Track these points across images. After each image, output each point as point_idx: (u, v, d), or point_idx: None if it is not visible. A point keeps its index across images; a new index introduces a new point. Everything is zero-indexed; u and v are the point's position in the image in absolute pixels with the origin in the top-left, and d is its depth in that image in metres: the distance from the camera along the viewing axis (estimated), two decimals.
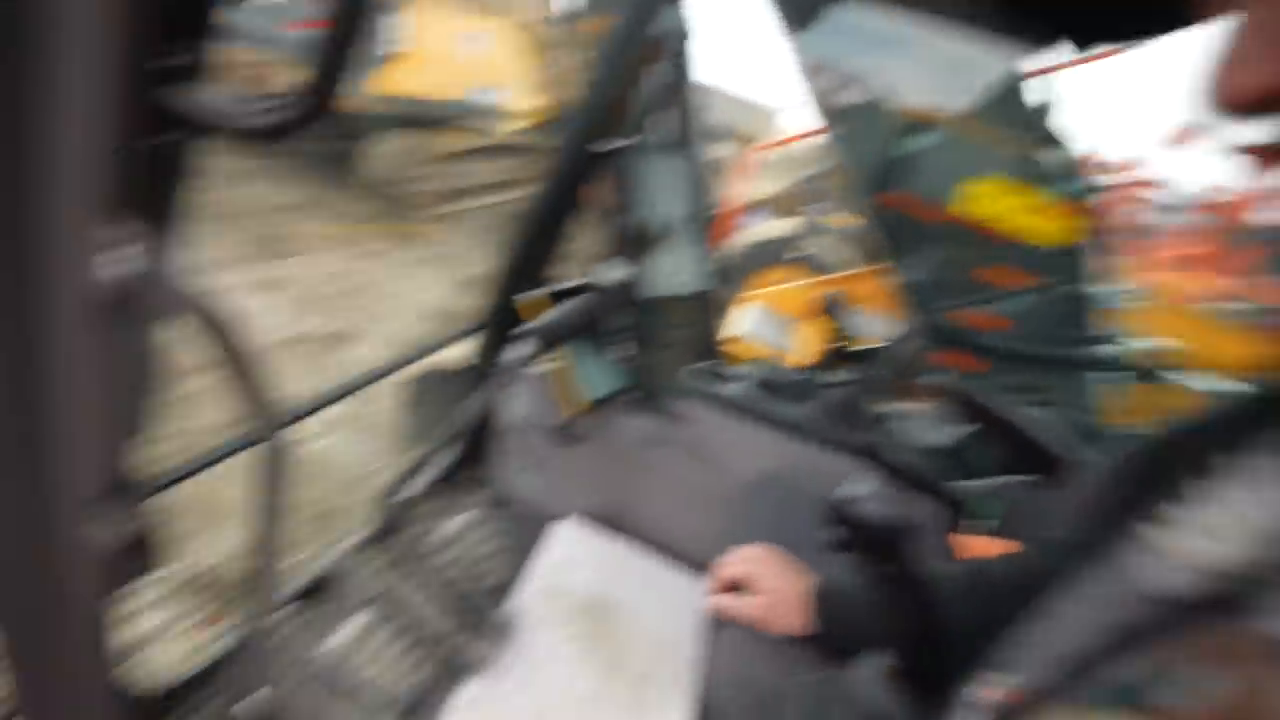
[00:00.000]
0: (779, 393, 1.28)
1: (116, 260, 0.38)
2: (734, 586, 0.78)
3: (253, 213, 4.37)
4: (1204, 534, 0.32)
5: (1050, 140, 1.37)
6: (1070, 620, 0.37)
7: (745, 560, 0.79)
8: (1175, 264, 2.93)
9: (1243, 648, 0.27)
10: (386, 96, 5.16)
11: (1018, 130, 1.33)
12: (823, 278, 3.11)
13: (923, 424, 1.37)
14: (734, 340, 2.49)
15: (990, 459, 1.24)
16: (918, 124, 1.37)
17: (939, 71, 1.41)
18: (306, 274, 3.95)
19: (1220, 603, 0.29)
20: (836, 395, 1.20)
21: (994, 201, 1.22)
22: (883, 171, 1.36)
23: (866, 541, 0.45)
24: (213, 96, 0.39)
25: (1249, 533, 0.29)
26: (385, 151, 5.41)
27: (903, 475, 1.17)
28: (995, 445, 1.10)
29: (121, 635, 0.51)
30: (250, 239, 4.04)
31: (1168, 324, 2.11)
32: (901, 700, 0.48)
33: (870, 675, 0.50)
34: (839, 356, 1.19)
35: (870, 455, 1.20)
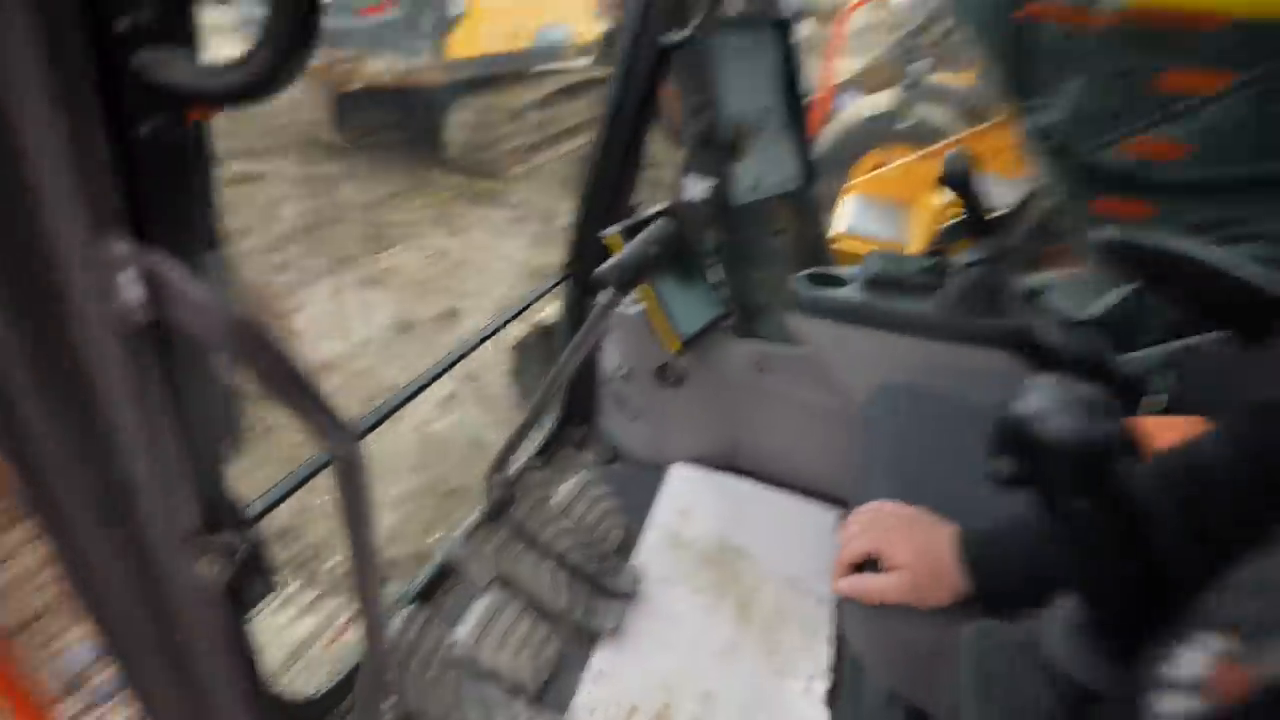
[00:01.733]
0: (900, 288, 1.12)
1: (139, 278, 0.34)
2: (863, 563, 0.63)
3: (348, 216, 4.61)
4: None
5: None
6: None
7: (871, 526, 0.64)
8: None
9: None
10: (459, 61, 5.14)
11: None
12: (935, 146, 2.74)
13: (1079, 291, 1.15)
14: (841, 239, 2.27)
15: (1167, 319, 1.01)
16: None
17: None
18: (409, 260, 4.13)
19: None
20: (969, 277, 1.02)
21: None
22: None
23: (1058, 471, 0.33)
24: (183, 61, 0.34)
25: None
26: (465, 119, 5.44)
27: (1061, 360, 0.99)
28: (1173, 299, 0.89)
29: (260, 654, 0.51)
30: (350, 239, 4.27)
31: None
32: (1101, 662, 0.38)
33: (1061, 629, 0.40)
34: (967, 232, 1.00)
35: (1020, 343, 1.02)
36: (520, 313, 1.23)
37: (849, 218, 2.47)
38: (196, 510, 0.41)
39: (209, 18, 0.38)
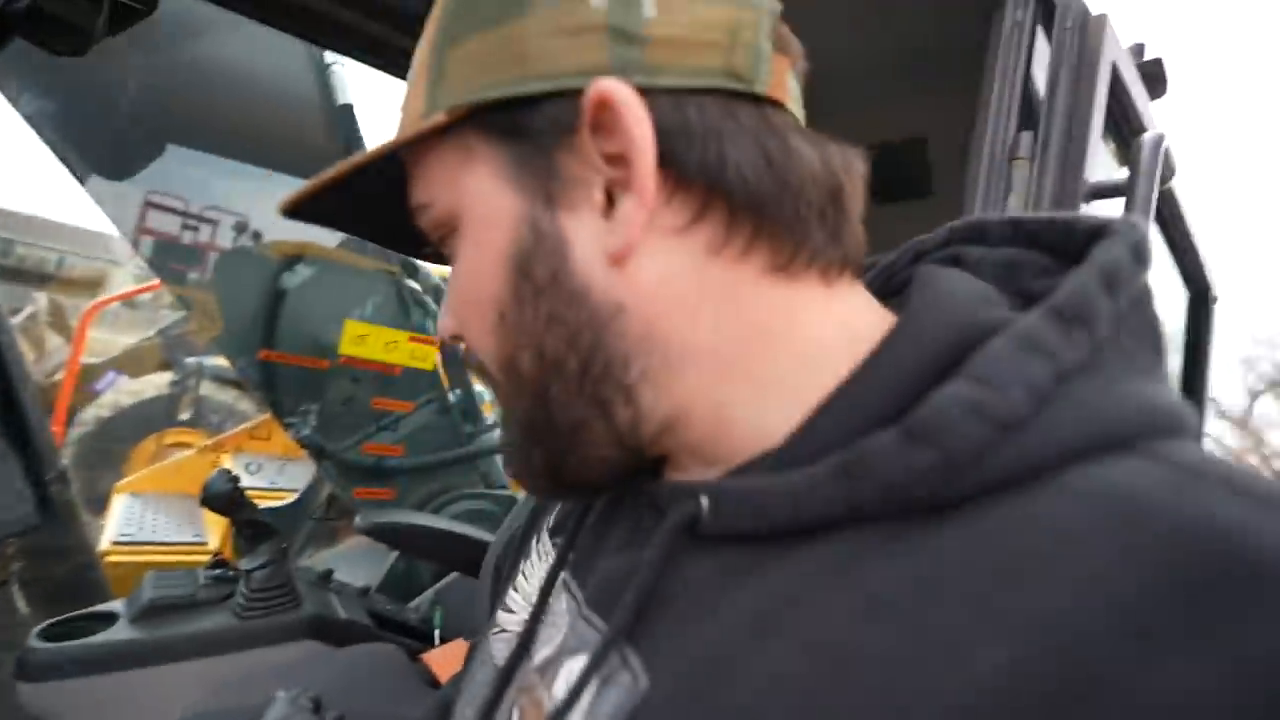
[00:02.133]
0: (187, 609, 1.06)
1: None
2: None
3: None
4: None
5: (411, 270, 1.60)
6: None
7: None
8: None
9: None
10: None
11: (381, 258, 1.50)
12: (231, 431, 2.74)
13: (365, 561, 1.38)
14: (113, 552, 1.91)
15: (426, 572, 1.35)
16: (291, 259, 1.39)
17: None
18: None
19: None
20: (258, 580, 1.08)
21: (369, 340, 1.35)
22: (263, 321, 1.32)
23: None
24: None
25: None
26: None
27: (358, 630, 1.15)
28: (424, 557, 1.21)
29: None
30: None
31: None
32: None
33: None
34: (247, 540, 1.08)
35: (321, 627, 1.13)
36: None
37: (120, 524, 2.11)
38: None
39: None
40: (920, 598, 0.21)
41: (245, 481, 1.91)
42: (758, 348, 0.29)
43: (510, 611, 0.39)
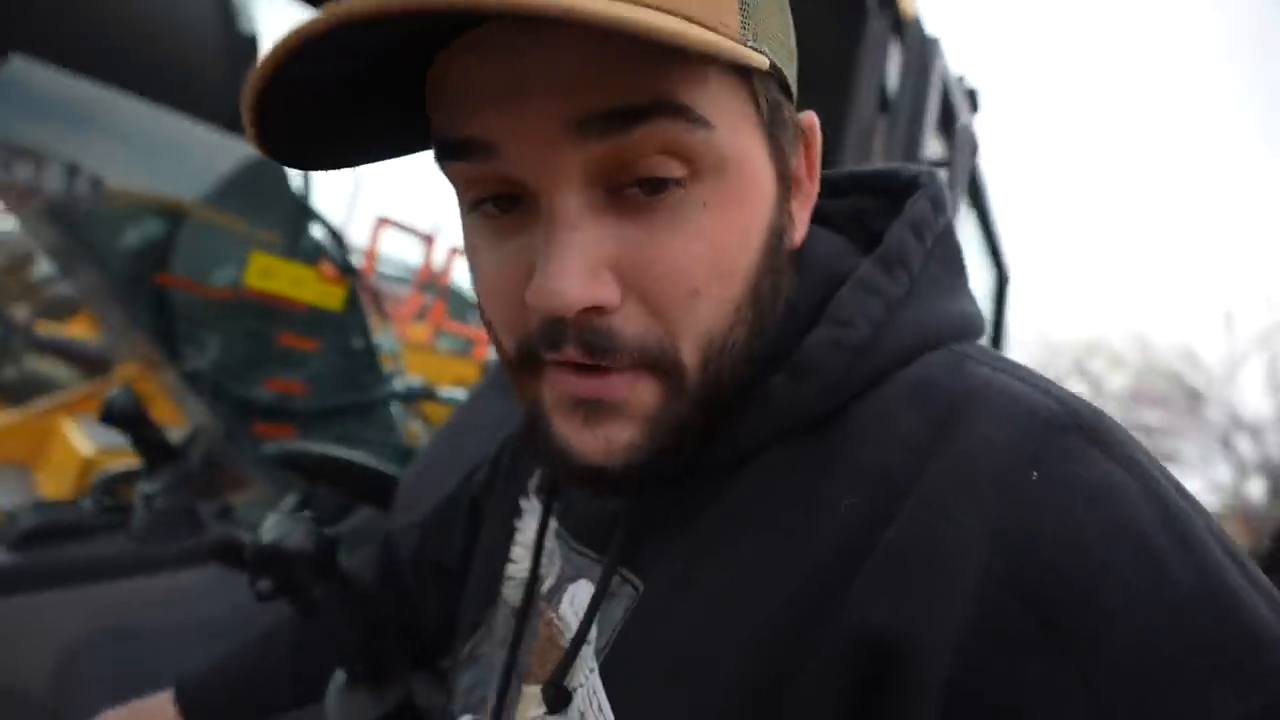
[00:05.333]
0: (72, 535, 1.01)
1: None
2: None
3: None
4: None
5: (312, 214, 1.55)
6: None
7: None
8: (409, 318, 3.78)
9: None
10: None
11: (280, 204, 1.44)
12: (55, 400, 2.44)
13: (259, 508, 1.35)
14: None
15: (329, 512, 1.35)
16: (158, 210, 1.31)
17: (158, 153, 1.35)
18: None
19: None
20: (158, 506, 1.05)
21: (276, 274, 1.32)
22: (142, 257, 1.23)
23: (303, 571, 0.49)
24: None
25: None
26: None
27: (275, 552, 1.15)
28: (332, 488, 1.23)
29: None
30: None
31: (415, 362, 2.75)
32: (370, 701, 0.55)
33: (335, 693, 0.55)
34: (146, 462, 1.05)
35: (229, 551, 1.11)
36: None
37: None
38: None
39: None
40: (814, 482, 0.29)
41: (102, 443, 1.76)
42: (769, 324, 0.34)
43: (515, 562, 0.45)
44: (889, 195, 0.37)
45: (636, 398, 0.29)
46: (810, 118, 0.34)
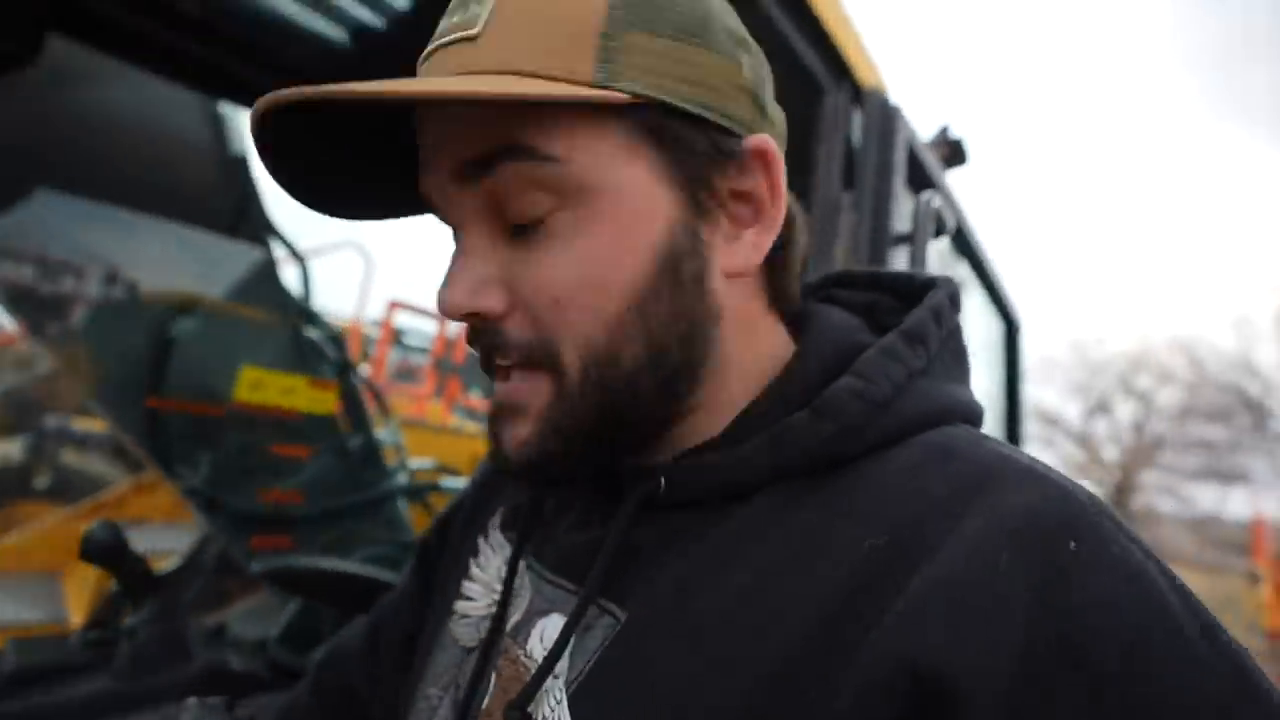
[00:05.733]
0: (57, 676, 1.00)
1: None
2: None
3: None
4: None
5: (310, 317, 1.59)
6: None
7: None
8: (427, 397, 3.82)
9: None
10: None
11: (278, 309, 1.49)
12: (90, 500, 2.50)
13: (263, 614, 1.33)
14: None
15: (329, 620, 1.32)
16: (178, 309, 1.35)
17: (180, 254, 1.43)
18: None
19: None
20: (142, 639, 1.03)
21: (266, 386, 1.34)
22: (149, 367, 1.27)
23: None
24: None
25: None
26: None
27: (255, 682, 1.11)
28: (328, 603, 1.20)
29: None
30: None
31: (432, 445, 2.75)
32: None
33: None
34: (130, 597, 1.03)
35: (213, 681, 1.08)
36: None
37: None
38: None
39: None
40: (831, 521, 0.31)
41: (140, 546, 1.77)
42: (747, 364, 0.38)
43: (470, 599, 0.44)
44: (902, 296, 0.41)
45: (533, 398, 0.34)
46: (759, 141, 0.35)
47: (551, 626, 0.37)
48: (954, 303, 0.39)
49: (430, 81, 0.31)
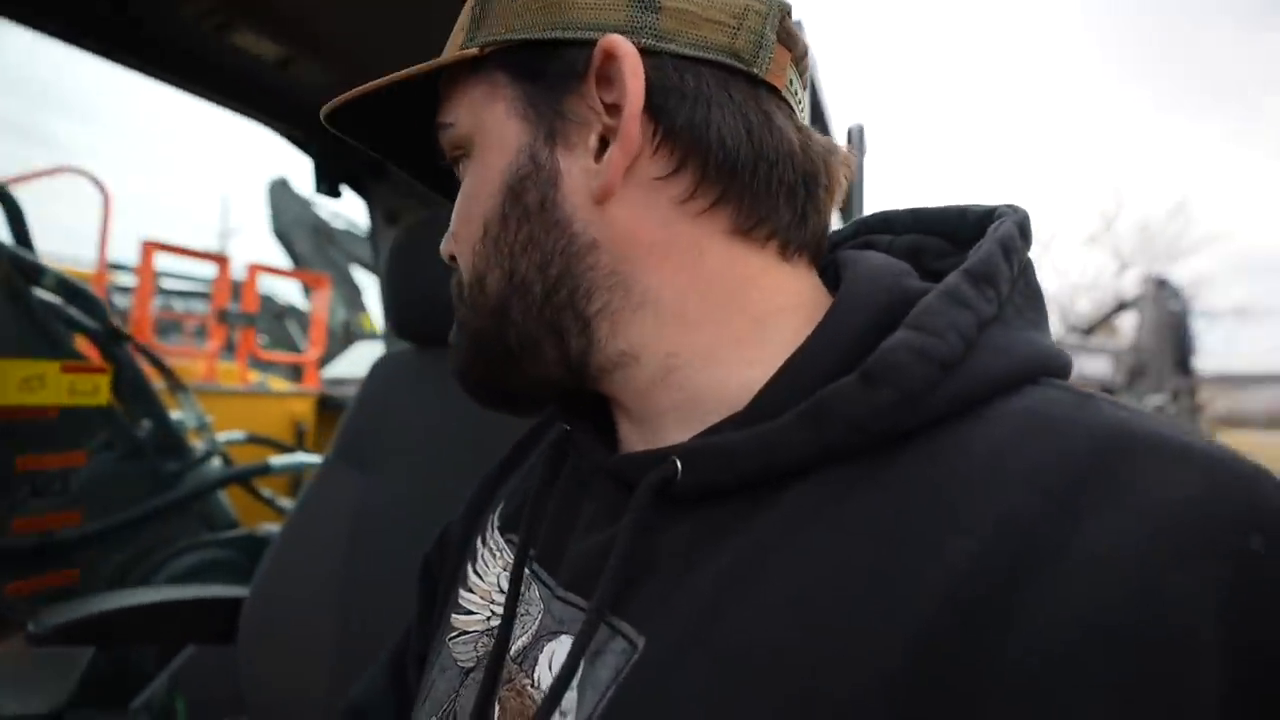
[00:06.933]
0: None
1: None
2: None
3: None
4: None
5: (35, 271, 1.16)
6: None
7: None
8: (214, 355, 3.17)
9: None
10: None
11: None
12: None
13: (29, 684, 1.02)
14: None
15: (146, 658, 1.06)
16: None
17: None
18: None
19: None
20: None
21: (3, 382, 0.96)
22: None
23: None
24: None
25: None
26: None
27: None
28: (152, 641, 0.95)
29: None
30: None
31: (238, 411, 2.28)
32: None
33: None
34: None
35: None
36: None
37: None
38: None
39: None
40: (895, 514, 0.25)
41: None
42: (711, 305, 0.32)
43: (468, 613, 0.39)
44: (952, 238, 0.35)
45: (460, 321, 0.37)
46: (606, 42, 0.30)
47: (561, 651, 0.31)
48: (1024, 234, 0.32)
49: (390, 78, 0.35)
